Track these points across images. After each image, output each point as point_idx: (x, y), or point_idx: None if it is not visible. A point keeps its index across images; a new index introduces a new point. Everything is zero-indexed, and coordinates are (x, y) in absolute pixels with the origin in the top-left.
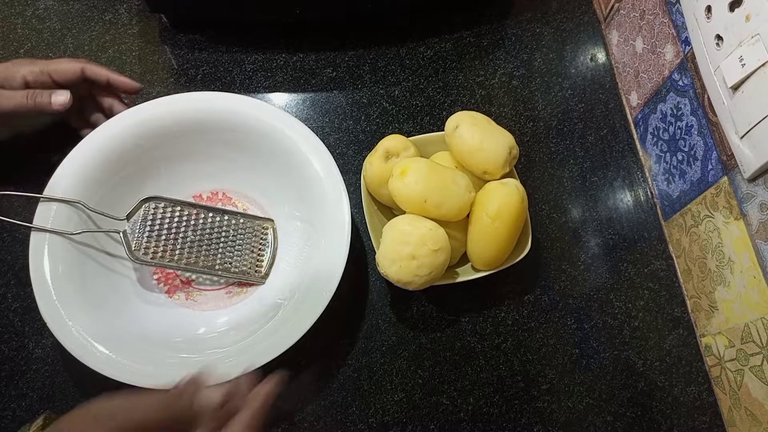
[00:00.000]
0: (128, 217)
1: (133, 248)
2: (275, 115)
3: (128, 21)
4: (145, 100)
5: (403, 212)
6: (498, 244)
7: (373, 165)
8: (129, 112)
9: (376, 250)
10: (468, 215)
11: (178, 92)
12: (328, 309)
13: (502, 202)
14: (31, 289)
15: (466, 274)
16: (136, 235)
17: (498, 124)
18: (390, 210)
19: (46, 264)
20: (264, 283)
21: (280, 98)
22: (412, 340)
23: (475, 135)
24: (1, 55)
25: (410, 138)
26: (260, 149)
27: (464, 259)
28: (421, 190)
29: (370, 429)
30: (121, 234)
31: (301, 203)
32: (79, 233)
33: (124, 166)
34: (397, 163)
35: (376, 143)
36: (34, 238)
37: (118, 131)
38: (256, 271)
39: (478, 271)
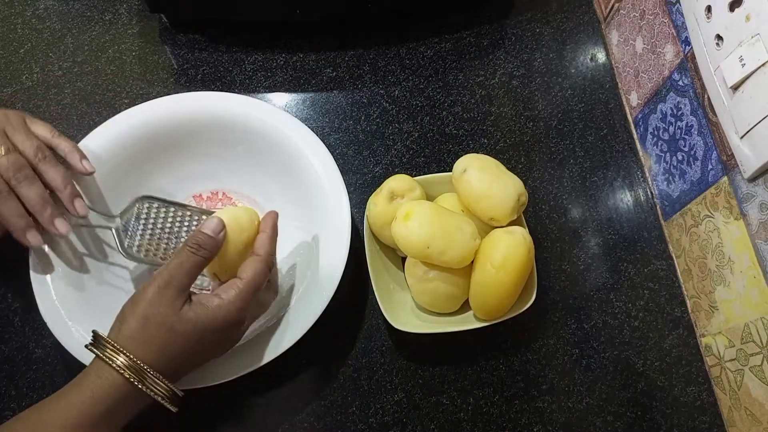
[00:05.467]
0: (121, 215)
1: (125, 245)
2: (275, 115)
3: (128, 21)
4: (144, 100)
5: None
6: (501, 294)
7: (377, 205)
8: (129, 113)
9: (375, 292)
10: (472, 262)
11: (178, 92)
12: (328, 309)
13: (508, 252)
14: (31, 289)
15: (467, 323)
16: (129, 233)
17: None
18: (393, 251)
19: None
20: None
21: (280, 98)
22: (412, 340)
23: (484, 180)
24: (1, 55)
25: (416, 178)
26: (260, 149)
27: (466, 305)
28: (424, 236)
29: (370, 429)
30: (113, 230)
31: (300, 203)
32: (72, 226)
33: (124, 166)
34: (402, 204)
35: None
36: None
37: (117, 132)
38: None
39: (479, 320)
